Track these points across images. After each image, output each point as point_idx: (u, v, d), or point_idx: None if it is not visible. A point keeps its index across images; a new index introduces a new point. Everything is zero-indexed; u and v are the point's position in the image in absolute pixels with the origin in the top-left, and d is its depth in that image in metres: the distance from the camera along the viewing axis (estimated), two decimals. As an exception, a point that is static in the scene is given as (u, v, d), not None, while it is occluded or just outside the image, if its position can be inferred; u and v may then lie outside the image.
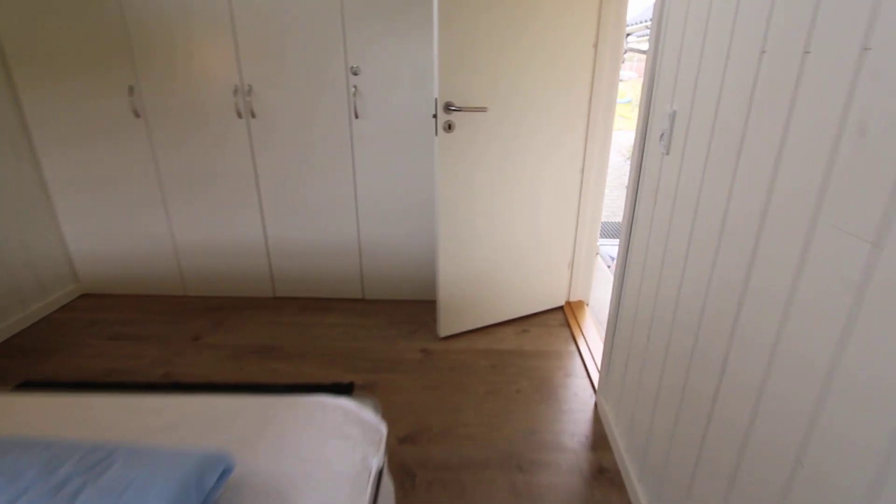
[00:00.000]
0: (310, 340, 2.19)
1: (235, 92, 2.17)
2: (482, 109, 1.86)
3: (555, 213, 2.27)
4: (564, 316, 2.45)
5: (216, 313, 2.42)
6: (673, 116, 1.21)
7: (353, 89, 2.16)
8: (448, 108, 1.82)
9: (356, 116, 2.21)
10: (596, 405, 1.80)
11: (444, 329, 2.21)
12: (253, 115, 2.21)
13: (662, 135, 1.26)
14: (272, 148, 2.27)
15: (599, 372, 1.81)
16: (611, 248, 3.85)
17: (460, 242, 2.07)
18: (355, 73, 2.14)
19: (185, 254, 2.49)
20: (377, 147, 2.26)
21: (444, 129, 1.85)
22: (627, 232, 1.52)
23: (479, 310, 2.26)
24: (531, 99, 1.99)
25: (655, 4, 1.34)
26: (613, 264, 3.37)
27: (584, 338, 2.24)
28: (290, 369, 1.98)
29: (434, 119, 1.84)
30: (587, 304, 2.57)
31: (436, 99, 1.81)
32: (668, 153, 1.24)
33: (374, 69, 2.13)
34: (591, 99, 2.14)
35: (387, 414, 1.74)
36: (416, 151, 2.26)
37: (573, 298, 2.56)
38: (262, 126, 2.24)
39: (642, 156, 1.42)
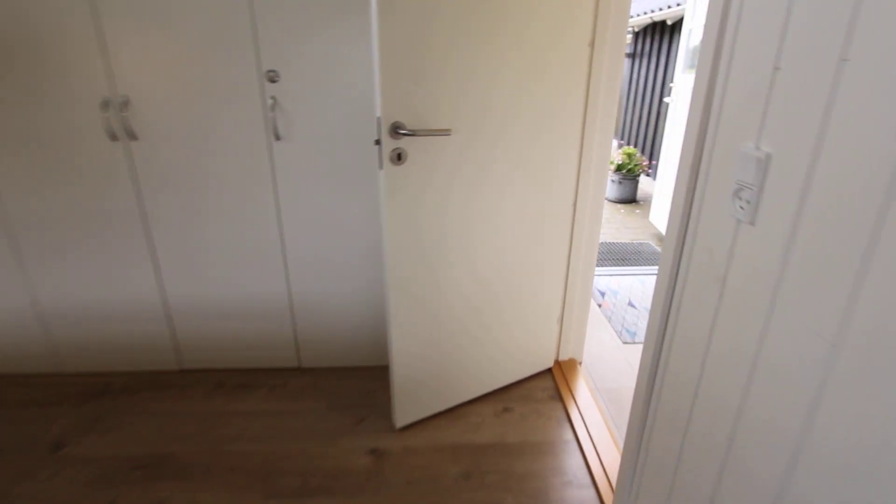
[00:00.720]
0: (219, 442, 1.62)
1: (105, 106, 1.57)
2: (444, 132, 1.34)
3: (541, 259, 1.78)
4: (554, 382, 1.96)
5: (98, 400, 1.80)
6: (765, 163, 0.72)
7: (272, 101, 1.60)
8: (397, 131, 1.29)
9: (277, 138, 1.65)
10: (610, 540, 1.31)
11: (402, 417, 1.68)
12: (134, 137, 1.62)
13: (739, 191, 0.77)
14: (164, 180, 1.69)
15: (615, 490, 1.33)
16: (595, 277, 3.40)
17: (418, 303, 1.55)
18: (273, 81, 1.59)
19: (55, 319, 1.86)
20: (308, 178, 1.71)
21: (392, 160, 1.32)
22: (659, 331, 1.02)
23: (447, 385, 1.75)
24: (509, 116, 1.49)
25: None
26: (604, 301, 2.92)
27: (582, 417, 1.75)
28: (183, 498, 1.41)
29: (377, 146, 1.31)
30: (580, 363, 2.10)
31: (378, 119, 1.28)
32: (752, 222, 0.75)
33: (298, 74, 1.58)
34: (585, 112, 1.66)
35: None
36: (360, 181, 1.73)
37: (563, 357, 2.08)
38: (148, 151, 1.65)
39: (688, 218, 0.93)
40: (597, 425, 1.71)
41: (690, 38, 3.46)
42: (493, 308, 1.73)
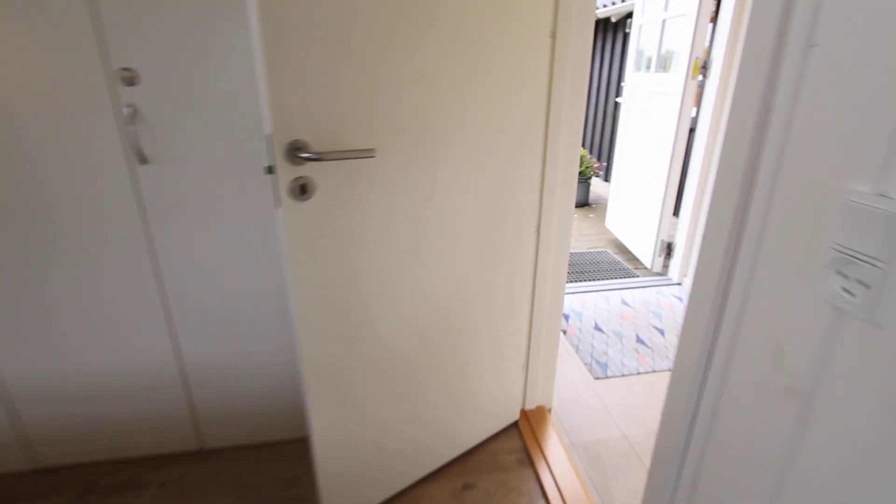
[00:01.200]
0: (78, 581, 1.17)
1: None
2: (367, 153, 0.97)
3: (499, 297, 1.45)
4: (522, 440, 1.65)
5: None
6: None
7: (130, 111, 1.17)
8: (297, 154, 0.91)
9: (143, 160, 1.22)
10: None
11: (334, 518, 1.29)
12: (-74, 165, 1.14)
13: (843, 263, 0.46)
14: (-18, 222, 1.21)
15: None
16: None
17: (342, 369, 1.18)
18: (130, 83, 1.16)
19: None
20: (191, 210, 1.29)
21: (293, 193, 0.94)
22: (674, 461, 0.71)
23: (391, 465, 1.38)
24: (453, 125, 1.14)
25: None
26: (568, 326, 2.64)
27: (559, 490, 1.44)
28: None
29: (269, 175, 0.92)
30: (549, 410, 1.79)
31: (269, 137, 0.89)
32: (873, 320, 0.44)
33: (166, 74, 1.16)
34: (548, 115, 1.35)
35: None
36: (264, 209, 1.33)
37: (530, 405, 1.77)
38: (-49, 184, 1.17)
39: (729, 284, 0.62)
40: (572, 490, 1.40)
41: (640, 35, 3.27)
42: (442, 361, 1.38)
